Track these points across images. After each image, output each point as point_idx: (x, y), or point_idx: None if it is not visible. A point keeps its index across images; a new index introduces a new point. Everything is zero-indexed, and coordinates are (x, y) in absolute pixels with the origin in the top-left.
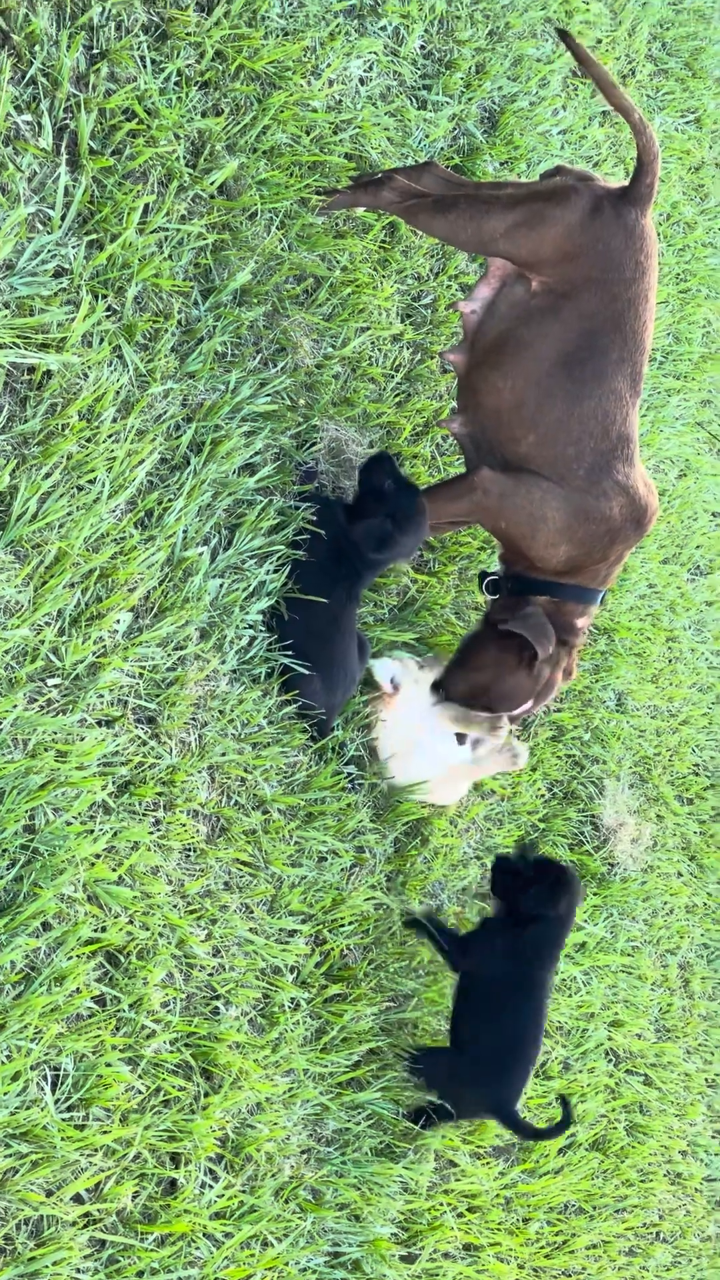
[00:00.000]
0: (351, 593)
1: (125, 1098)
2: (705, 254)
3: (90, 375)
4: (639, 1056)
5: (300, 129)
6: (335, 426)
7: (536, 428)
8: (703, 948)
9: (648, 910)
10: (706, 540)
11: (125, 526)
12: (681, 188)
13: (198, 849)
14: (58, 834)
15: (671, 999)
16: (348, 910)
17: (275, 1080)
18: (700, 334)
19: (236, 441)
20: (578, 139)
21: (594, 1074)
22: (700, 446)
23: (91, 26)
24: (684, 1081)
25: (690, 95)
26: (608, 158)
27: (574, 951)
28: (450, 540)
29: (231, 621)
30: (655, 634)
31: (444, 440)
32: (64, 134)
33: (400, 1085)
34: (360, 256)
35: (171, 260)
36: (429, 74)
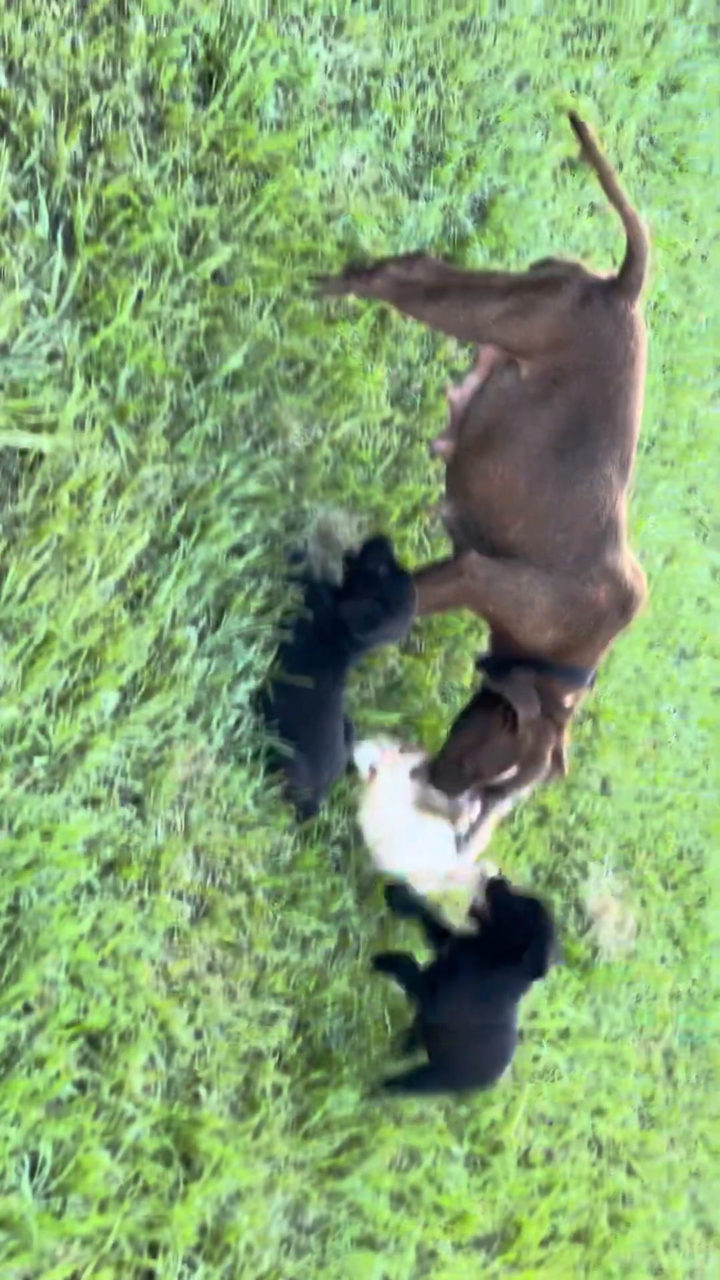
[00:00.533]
0: (338, 674)
1: (104, 1185)
2: (691, 344)
3: (82, 457)
4: (622, 1146)
5: (293, 217)
6: (325, 509)
7: (525, 513)
8: (686, 1035)
9: (631, 996)
10: (692, 625)
11: (114, 607)
12: (668, 279)
13: (182, 930)
14: (42, 914)
15: (655, 1087)
16: (331, 993)
17: (256, 1167)
18: (687, 422)
19: (226, 524)
20: (566, 230)
21: (577, 1164)
22: (686, 532)
23: (89, 117)
24: (667, 1172)
25: (677, 189)
26: (596, 248)
27: (557, 1038)
28: (437, 622)
29: (219, 702)
30: (640, 718)
31: (432, 524)
32: (60, 221)
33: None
34: (351, 342)
35: (164, 345)
36: (421, 165)
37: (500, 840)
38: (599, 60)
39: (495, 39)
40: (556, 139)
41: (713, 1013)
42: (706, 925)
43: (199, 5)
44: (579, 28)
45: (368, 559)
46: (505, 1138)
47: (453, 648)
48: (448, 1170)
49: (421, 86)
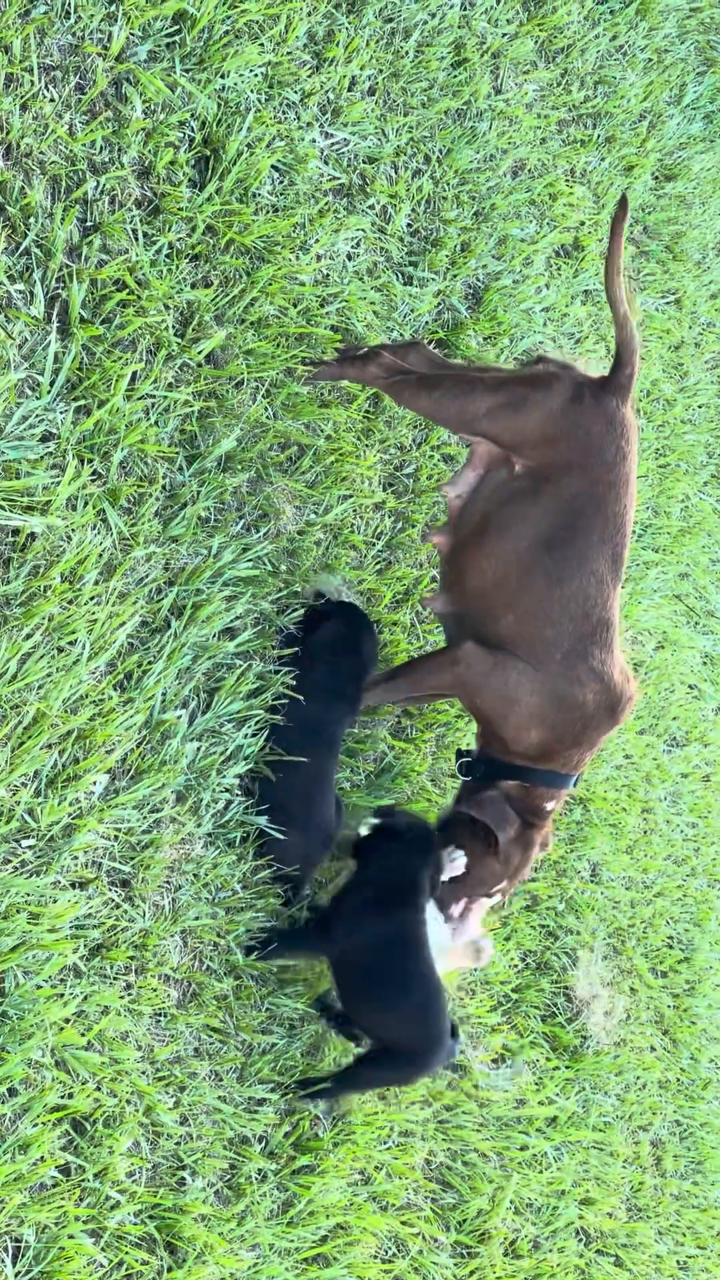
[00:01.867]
0: (332, 744)
1: (87, 1271)
2: (684, 430)
3: (74, 538)
4: (610, 1236)
5: (288, 301)
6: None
7: (516, 608)
8: (675, 1125)
9: (620, 1085)
10: (683, 712)
11: (104, 688)
12: (661, 365)
13: (168, 1014)
14: (27, 997)
15: (643, 1177)
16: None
17: (240, 1255)
18: (679, 508)
19: (217, 605)
20: (560, 316)
21: (564, 1253)
22: (678, 619)
23: (85, 200)
24: (655, 1264)
25: (670, 277)
26: (589, 335)
27: (545, 1126)
28: (428, 708)
29: (208, 785)
30: (631, 805)
31: (423, 608)
32: (55, 303)
33: (362, 1263)
34: (344, 425)
35: (157, 426)
36: (415, 251)
37: (489, 926)
38: (594, 148)
39: (491, 126)
40: (550, 226)
41: (701, 1102)
42: (695, 1014)
43: (196, 90)
44: (574, 116)
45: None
46: (492, 1226)
47: (444, 733)
48: (434, 1259)
49: (417, 172)
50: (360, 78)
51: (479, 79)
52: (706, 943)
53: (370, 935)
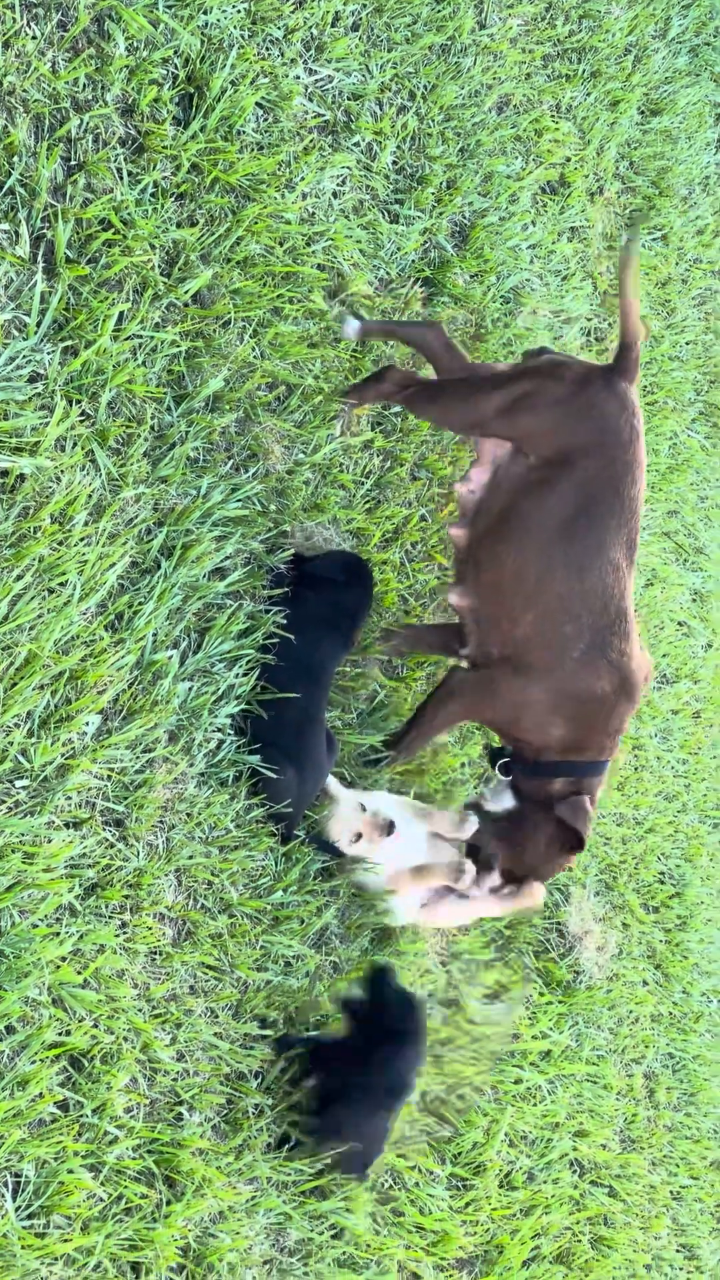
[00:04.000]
0: (323, 678)
1: (87, 1205)
2: (671, 367)
3: (63, 479)
4: (604, 1167)
5: (274, 240)
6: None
7: (536, 605)
8: (668, 1057)
9: (613, 1019)
10: (672, 649)
11: (96, 629)
12: (649, 302)
13: (164, 952)
14: (23, 936)
15: (636, 1109)
16: (312, 1015)
17: (238, 1188)
18: (667, 446)
19: (207, 546)
20: (546, 253)
21: (559, 1185)
22: (667, 556)
23: (69, 139)
24: (649, 1194)
25: (657, 213)
26: (575, 271)
27: (539, 1060)
28: None
29: (200, 725)
30: (622, 742)
31: (412, 546)
32: (41, 243)
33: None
34: (332, 365)
35: (145, 367)
36: (401, 189)
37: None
38: (579, 83)
39: (475, 61)
40: (536, 162)
41: (693, 1035)
42: (687, 948)
43: (179, 27)
44: (559, 50)
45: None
46: (487, 1159)
47: (433, 671)
48: (430, 1191)
49: (402, 109)
50: (343, 13)
51: (463, 14)
52: (698, 878)
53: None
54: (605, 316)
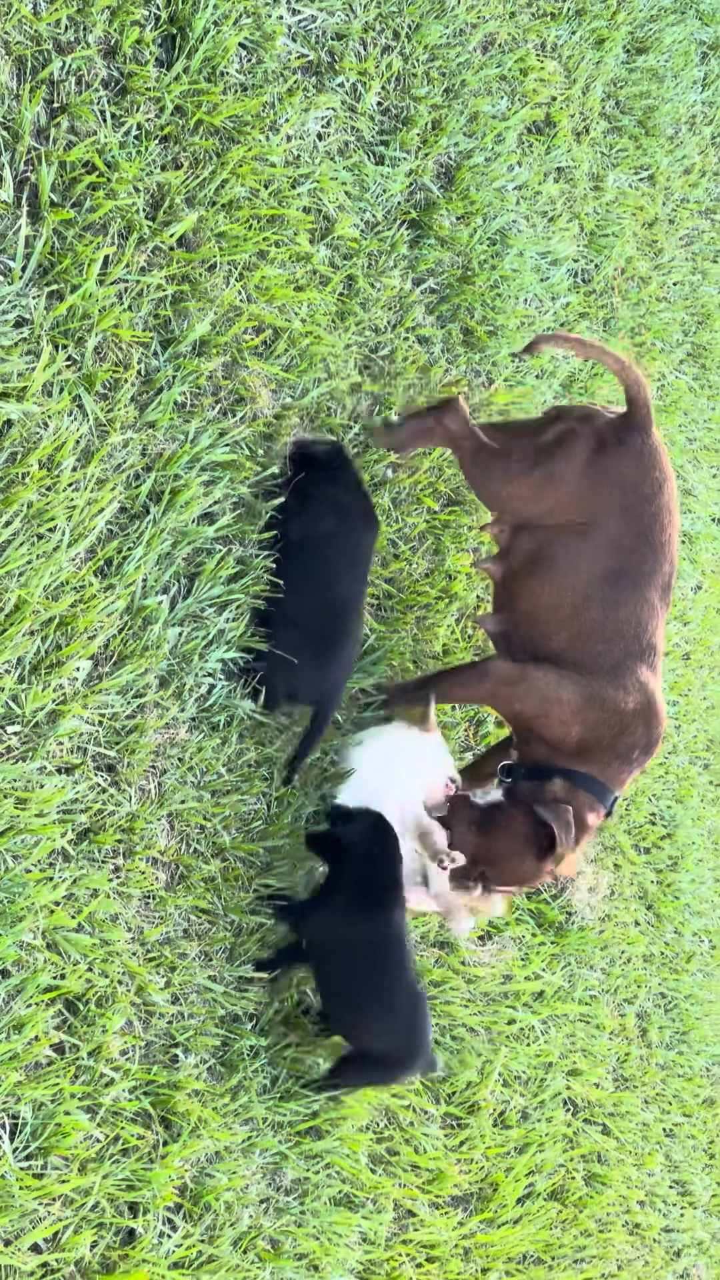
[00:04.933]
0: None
1: (84, 1146)
2: (659, 308)
3: (50, 424)
4: (597, 1106)
5: (259, 183)
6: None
7: (570, 627)
8: (660, 997)
9: (605, 959)
10: None
11: (85, 575)
12: (636, 243)
13: (157, 896)
14: (16, 881)
15: (629, 1048)
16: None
17: (234, 1128)
18: (655, 387)
19: (195, 490)
20: (533, 194)
21: (552, 1123)
22: None
23: (52, 81)
24: (642, 1131)
25: (643, 152)
26: (562, 213)
27: (532, 1000)
28: (408, 590)
29: (191, 669)
30: None
31: (402, 490)
32: (24, 186)
33: (354, 1135)
34: (319, 308)
35: (131, 311)
36: (386, 130)
37: None
38: (564, 21)
39: (460, 0)
40: (522, 102)
41: (685, 975)
42: (678, 889)
43: None
44: None
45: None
46: (481, 1098)
47: (423, 615)
48: (424, 1131)
49: (386, 49)
50: None
51: None
52: (689, 819)
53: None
54: (592, 258)
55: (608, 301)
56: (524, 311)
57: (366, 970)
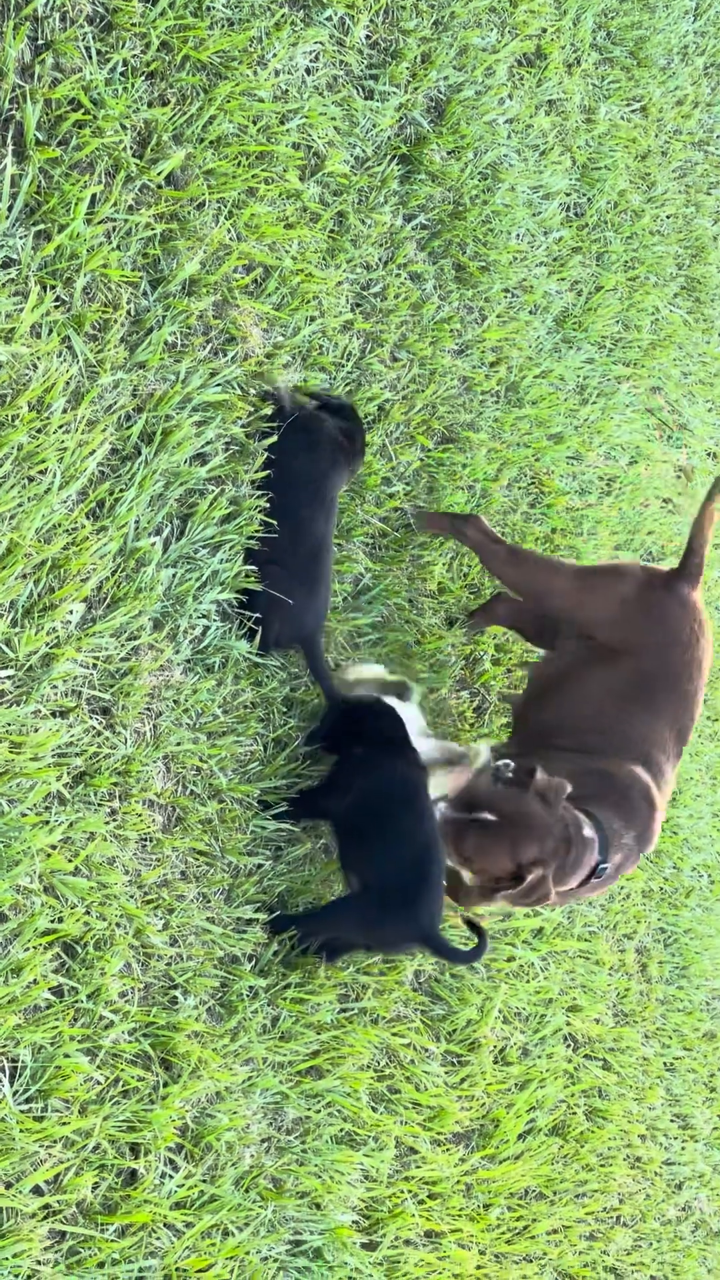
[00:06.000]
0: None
1: (84, 1088)
2: (652, 241)
3: (39, 366)
4: (597, 1041)
5: (247, 119)
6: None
7: (576, 735)
8: (659, 932)
9: (604, 895)
10: (658, 526)
11: (77, 517)
12: (628, 176)
13: (154, 839)
14: (13, 825)
15: (629, 984)
16: (304, 899)
17: (234, 1069)
18: (649, 321)
19: (187, 431)
20: (524, 128)
21: (553, 1059)
22: (650, 433)
23: (36, 17)
24: (642, 1066)
25: (635, 84)
26: (554, 146)
27: (531, 937)
28: (400, 530)
29: (185, 611)
30: None
31: (393, 429)
32: (9, 125)
33: (355, 1074)
34: (310, 246)
35: (119, 250)
36: (375, 64)
37: (469, 742)
38: None
39: None
40: (512, 34)
41: (684, 909)
42: (677, 824)
43: None
44: None
45: None
46: (481, 1035)
47: (419, 554)
48: (425, 1068)
49: None
50: None
51: None
52: (685, 754)
53: (372, 784)
54: (585, 192)
55: (600, 235)
56: (516, 247)
57: (385, 808)
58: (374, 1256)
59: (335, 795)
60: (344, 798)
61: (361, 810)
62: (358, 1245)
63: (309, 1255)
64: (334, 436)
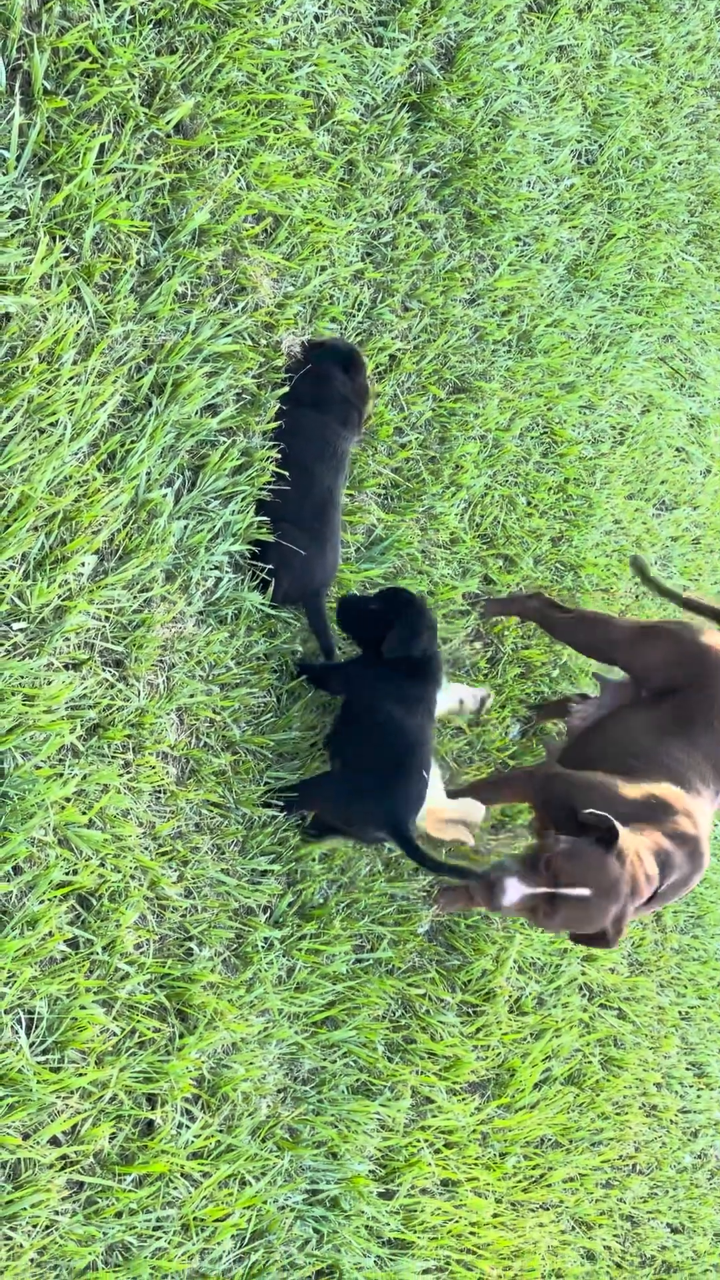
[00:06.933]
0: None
1: (100, 1040)
2: (664, 188)
3: (49, 317)
4: (612, 991)
5: (256, 67)
6: None
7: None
8: None
9: None
10: (671, 475)
11: (88, 469)
12: (640, 122)
13: (168, 791)
14: (26, 778)
15: (644, 933)
16: (317, 849)
17: (250, 1020)
18: (661, 269)
19: (198, 382)
20: (534, 74)
21: (568, 1008)
22: (663, 382)
23: None
24: (657, 1015)
25: (647, 29)
26: (565, 93)
27: None
28: (412, 480)
29: (197, 563)
30: (622, 570)
31: (405, 378)
32: (17, 74)
33: (370, 1025)
34: (320, 195)
35: (129, 200)
36: (384, 10)
37: None
38: None
39: None
40: None
41: None
42: None
43: None
44: None
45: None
46: (496, 985)
47: (432, 505)
48: (440, 1019)
49: None
50: None
51: None
52: None
53: (381, 676)
54: (596, 138)
55: (612, 183)
56: (527, 194)
57: (385, 702)
58: (390, 1205)
59: (343, 678)
60: (351, 682)
61: (362, 697)
62: (374, 1194)
63: (326, 1204)
64: (344, 391)
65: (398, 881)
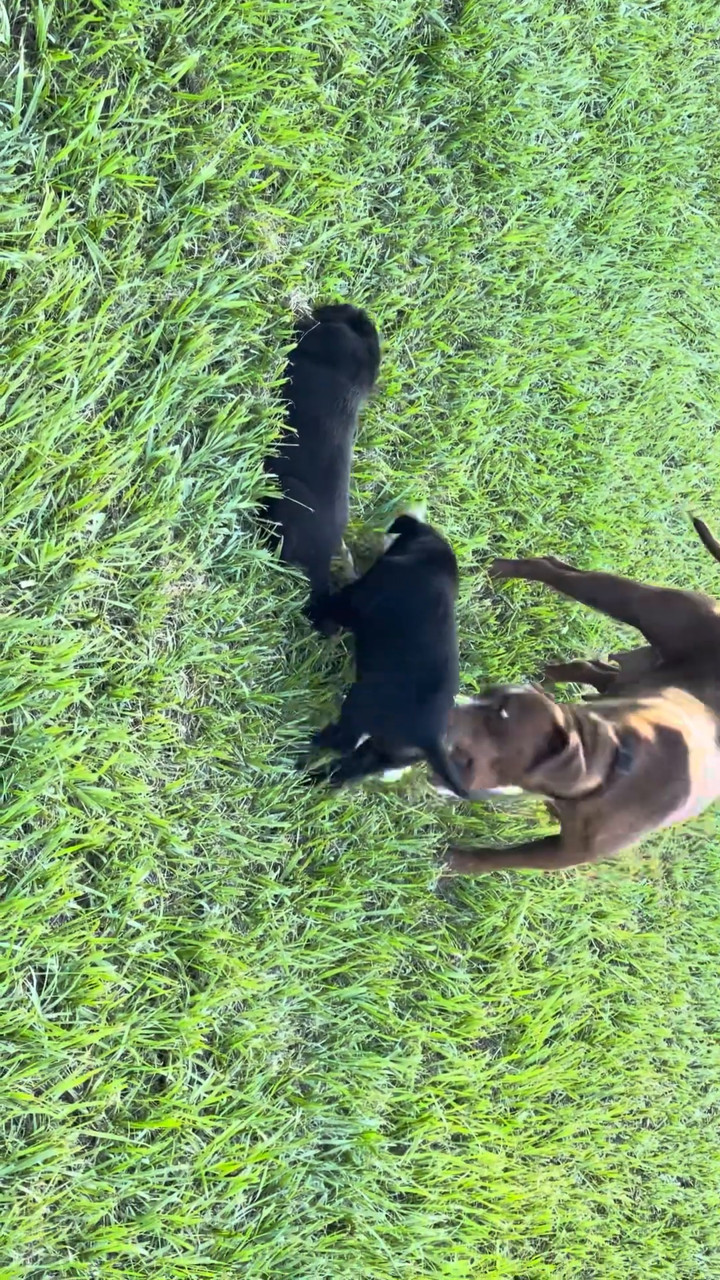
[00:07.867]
0: (348, 415)
1: (111, 997)
2: (673, 142)
3: (56, 273)
4: (623, 947)
5: (261, 19)
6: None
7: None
8: (684, 838)
9: None
10: (680, 431)
11: (96, 426)
12: (649, 74)
13: (177, 749)
14: (36, 736)
15: (654, 890)
16: (328, 806)
17: (261, 977)
18: (671, 223)
19: (206, 339)
20: (543, 26)
21: (579, 965)
22: (673, 337)
23: None
24: (668, 970)
25: None
26: (573, 45)
27: None
28: (421, 437)
29: (205, 520)
30: (631, 526)
31: (414, 334)
32: (21, 28)
33: (381, 981)
34: (327, 149)
35: (135, 155)
36: None
37: (494, 651)
38: None
39: None
40: None
41: (710, 816)
42: None
43: None
44: None
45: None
46: (507, 942)
47: (442, 461)
48: (451, 975)
49: None
50: None
51: None
52: None
53: (405, 588)
54: (605, 91)
55: (621, 136)
56: (536, 148)
57: (414, 613)
58: (402, 1160)
59: (366, 594)
60: (374, 597)
61: (390, 611)
62: (385, 1149)
63: (337, 1159)
64: (355, 349)
65: (408, 839)
